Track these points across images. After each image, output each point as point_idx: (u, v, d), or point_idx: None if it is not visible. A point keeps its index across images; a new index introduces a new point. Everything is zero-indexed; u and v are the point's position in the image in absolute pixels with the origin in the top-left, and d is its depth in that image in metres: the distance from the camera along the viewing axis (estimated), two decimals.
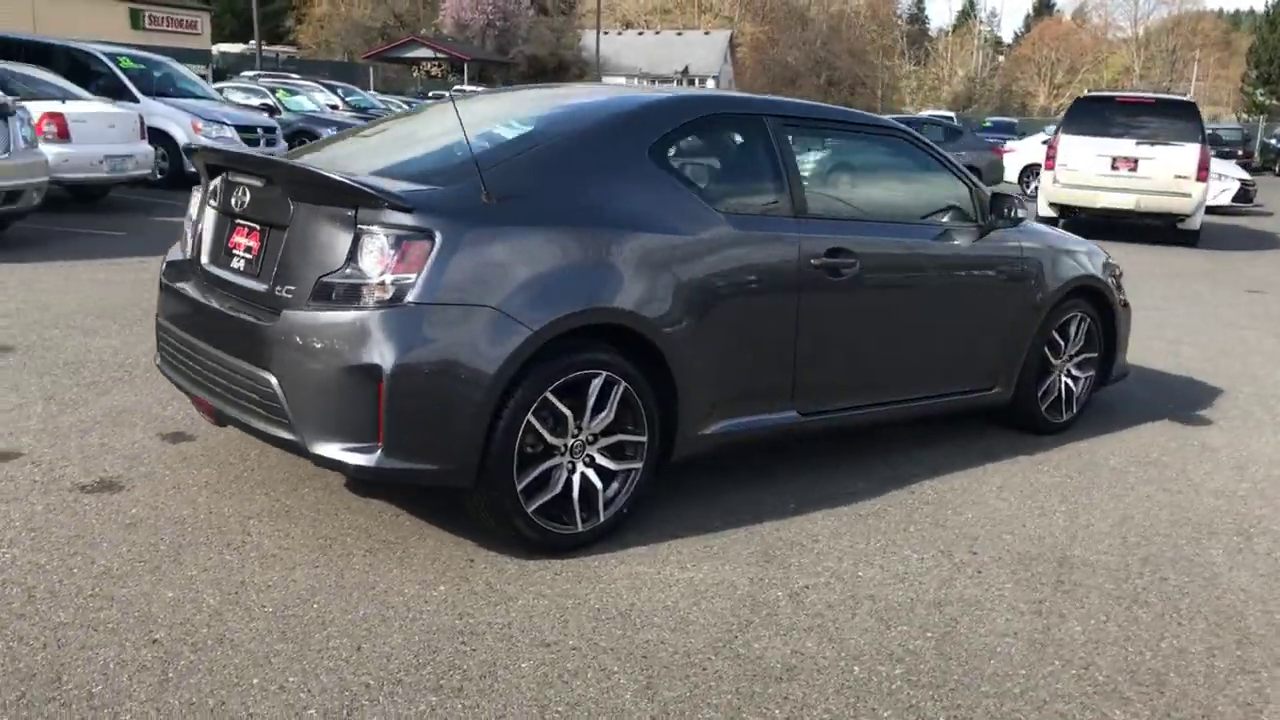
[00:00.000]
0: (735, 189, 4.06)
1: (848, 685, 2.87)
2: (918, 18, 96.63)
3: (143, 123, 12.14)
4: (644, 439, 3.67)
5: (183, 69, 15.54)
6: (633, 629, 3.09)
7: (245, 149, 13.06)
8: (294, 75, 23.39)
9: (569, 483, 3.52)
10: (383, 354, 3.13)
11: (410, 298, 3.16)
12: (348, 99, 22.03)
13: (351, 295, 3.19)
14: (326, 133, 18.32)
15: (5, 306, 6.58)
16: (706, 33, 76.63)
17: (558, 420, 3.45)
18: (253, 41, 63.03)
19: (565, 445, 3.50)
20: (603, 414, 3.54)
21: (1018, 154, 22.66)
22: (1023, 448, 5.05)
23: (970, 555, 3.78)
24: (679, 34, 76.67)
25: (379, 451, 3.18)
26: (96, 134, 11.24)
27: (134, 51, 15.25)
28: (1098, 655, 3.12)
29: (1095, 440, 5.26)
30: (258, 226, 3.54)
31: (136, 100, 13.98)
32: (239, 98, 18.94)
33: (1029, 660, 3.07)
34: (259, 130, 14.65)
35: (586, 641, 3.00)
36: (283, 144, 15.08)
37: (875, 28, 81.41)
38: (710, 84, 72.55)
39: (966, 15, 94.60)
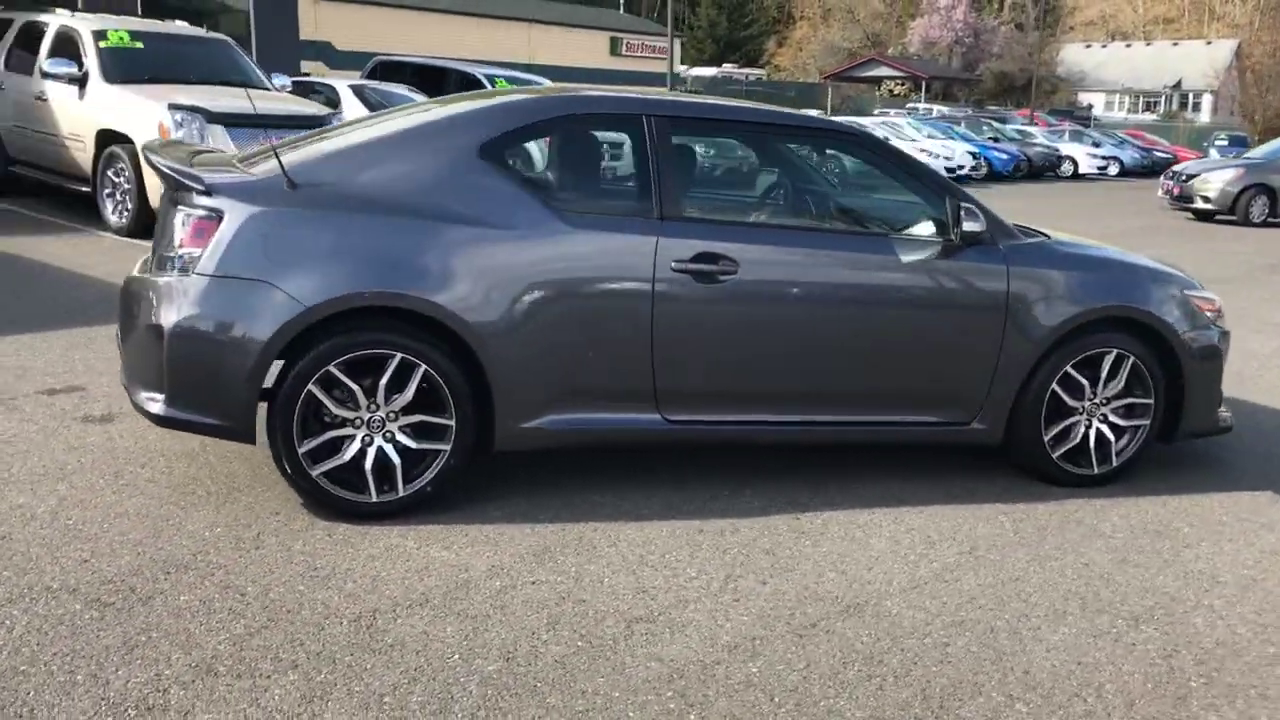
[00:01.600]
0: (584, 189, 4.08)
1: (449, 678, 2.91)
2: None
3: None
4: (451, 423, 3.83)
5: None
6: (321, 588, 3.32)
7: None
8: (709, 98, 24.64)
9: (362, 454, 3.78)
10: (166, 316, 3.62)
11: (196, 269, 3.62)
12: None
13: (164, 266, 3.71)
14: None
15: None
16: (1208, 43, 69.19)
17: (346, 394, 3.73)
18: (726, 65, 66.86)
19: (359, 418, 3.77)
20: (400, 394, 3.76)
21: None
22: (1016, 496, 4.46)
23: (746, 585, 3.52)
24: (1174, 45, 70.02)
25: (163, 401, 3.67)
26: None
27: (511, 73, 17.09)
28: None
29: (1116, 500, 4.49)
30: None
31: None
32: None
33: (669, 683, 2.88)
34: None
35: (267, 591, 3.28)
36: None
37: None
38: (1206, 100, 65.51)
39: None
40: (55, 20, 10.82)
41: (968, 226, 4.20)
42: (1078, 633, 3.33)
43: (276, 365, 3.67)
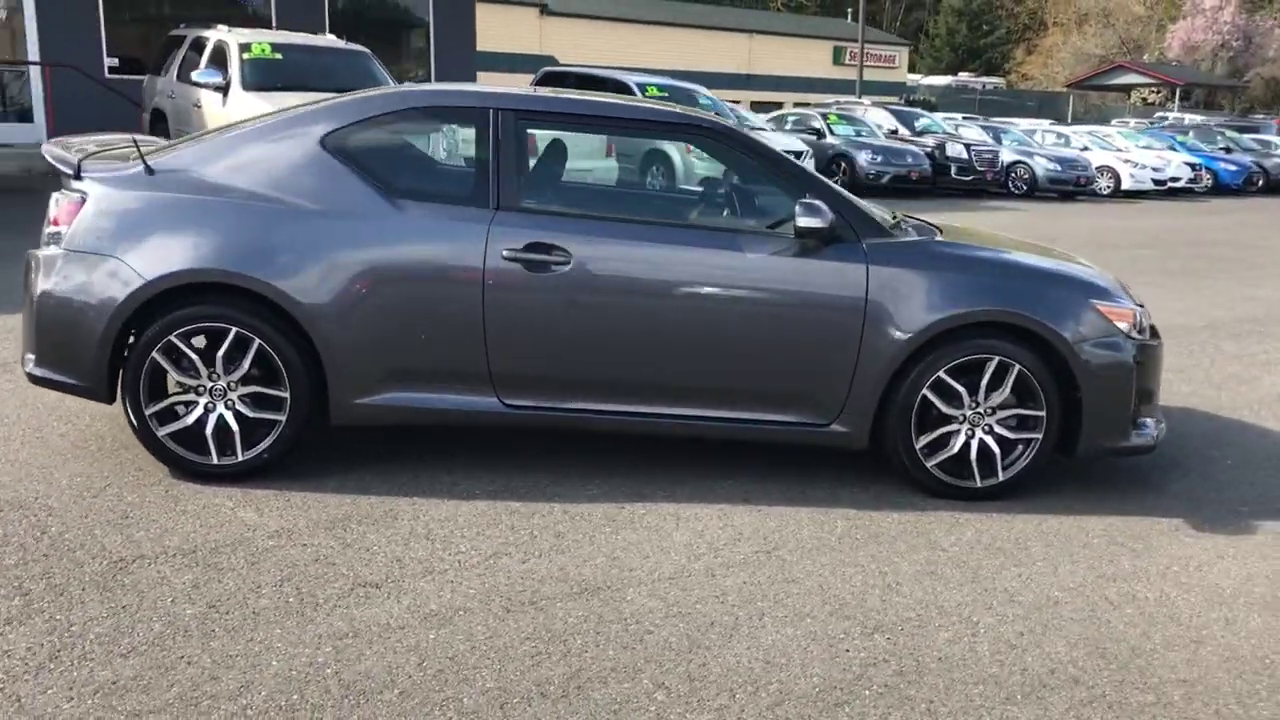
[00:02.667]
0: (423, 178, 4.26)
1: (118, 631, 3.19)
2: None
3: (611, 146, 14.01)
4: (285, 395, 4.12)
5: (709, 97, 17.27)
6: (114, 534, 3.67)
7: None
8: (886, 103, 24.12)
9: (204, 420, 4.13)
10: (37, 284, 4.09)
11: (62, 244, 4.07)
12: (916, 123, 22.28)
13: (44, 241, 4.19)
14: (862, 156, 18.96)
15: None
16: None
17: (187, 363, 4.09)
18: (963, 74, 64.67)
19: (201, 386, 4.11)
20: (238, 366, 4.08)
21: None
22: (880, 504, 4.31)
23: (504, 562, 3.61)
24: None
25: (34, 361, 4.14)
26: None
27: (665, 81, 17.31)
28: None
29: (986, 515, 4.25)
30: None
31: None
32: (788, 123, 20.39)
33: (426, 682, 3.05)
34: None
35: (64, 532, 3.67)
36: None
37: None
38: None
39: None
40: (214, 35, 11.97)
41: (802, 222, 4.10)
42: (795, 635, 3.23)
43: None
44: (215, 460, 4.14)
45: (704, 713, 2.80)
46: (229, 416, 4.13)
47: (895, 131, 21.48)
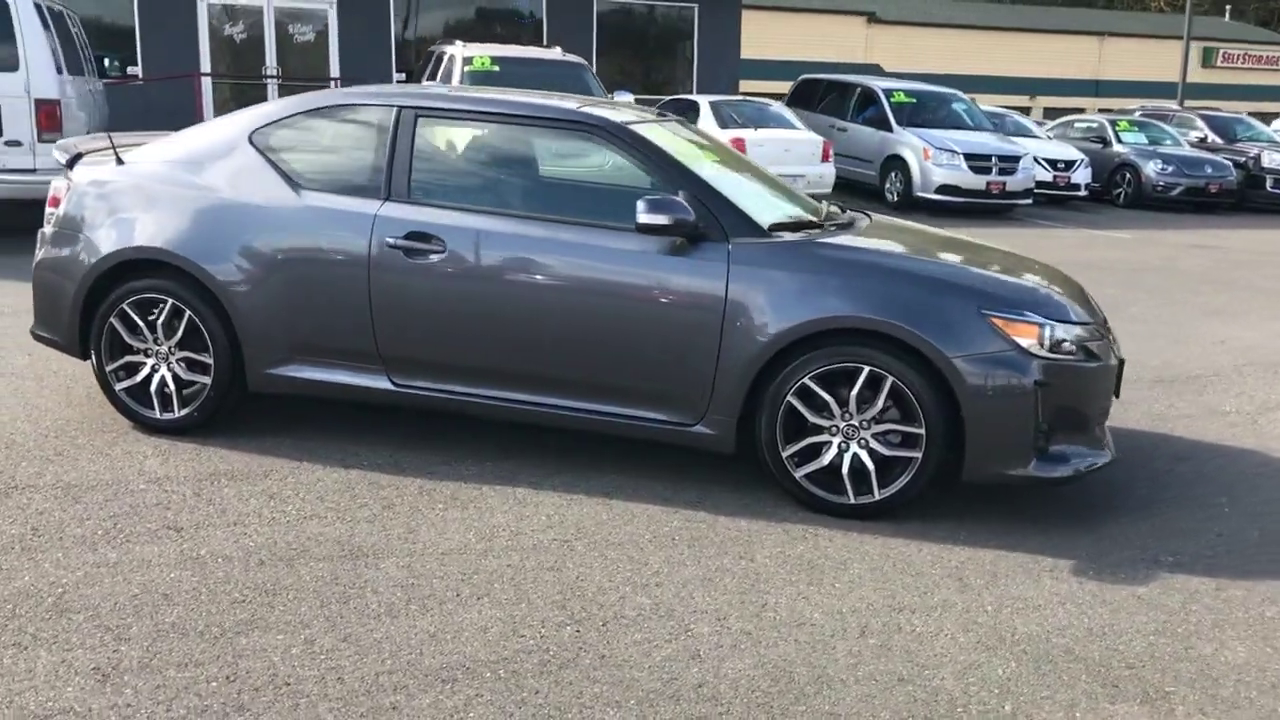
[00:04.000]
0: (327, 171, 4.58)
1: None
2: None
3: (828, 148, 13.85)
4: (210, 361, 4.65)
5: (965, 105, 16.48)
6: (21, 464, 4.34)
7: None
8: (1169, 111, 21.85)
9: (149, 379, 4.74)
10: (36, 256, 4.88)
11: (52, 224, 4.84)
12: (1237, 130, 19.96)
13: (47, 220, 4.97)
14: (1150, 166, 17.45)
15: None
16: None
17: (134, 329, 4.71)
18: None
19: (148, 349, 4.72)
20: (175, 332, 4.66)
21: None
22: (738, 512, 4.19)
23: (281, 523, 3.90)
24: None
25: (34, 322, 4.94)
26: (771, 156, 13.36)
27: (913, 86, 16.70)
28: None
29: (833, 532, 4.01)
30: None
31: (891, 129, 15.65)
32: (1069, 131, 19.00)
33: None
34: (993, 159, 14.98)
35: None
36: (1023, 174, 15.14)
37: None
38: None
39: None
40: (449, 50, 13.07)
41: (642, 219, 4.06)
42: (486, 615, 3.28)
43: None
44: (158, 415, 4.74)
45: (318, 669, 2.96)
46: (168, 377, 4.71)
47: (1204, 139, 19.39)
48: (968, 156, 14.85)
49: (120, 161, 4.80)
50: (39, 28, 9.18)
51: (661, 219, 4.07)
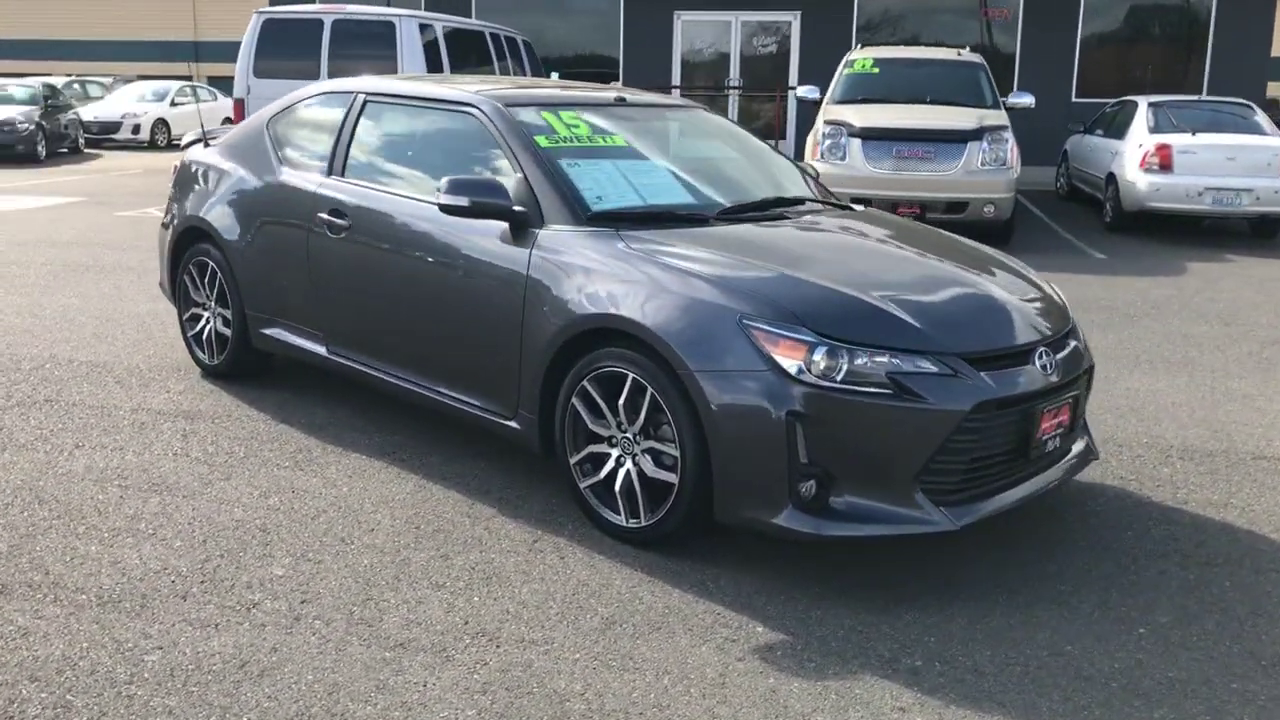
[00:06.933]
0: (302, 151, 4.97)
1: None
2: None
3: None
4: (229, 314, 5.33)
5: None
6: (103, 389, 5.35)
7: None
8: None
9: (203, 331, 5.54)
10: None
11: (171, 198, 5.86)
12: None
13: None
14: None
15: None
16: None
17: (195, 284, 5.52)
18: None
19: (205, 304, 5.52)
20: (215, 289, 5.41)
21: None
22: (533, 514, 3.93)
23: (130, 469, 4.37)
24: None
25: (160, 276, 6.01)
26: (1209, 165, 11.31)
27: None
28: None
29: (593, 557, 3.57)
30: None
31: None
32: None
33: None
34: None
35: None
36: None
37: None
38: None
39: None
40: (849, 55, 12.79)
41: (442, 199, 3.92)
42: (154, 553, 3.51)
43: None
44: (207, 360, 5.53)
45: None
46: (213, 328, 5.47)
47: None
48: None
49: (205, 144, 5.67)
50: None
51: (460, 200, 3.92)
